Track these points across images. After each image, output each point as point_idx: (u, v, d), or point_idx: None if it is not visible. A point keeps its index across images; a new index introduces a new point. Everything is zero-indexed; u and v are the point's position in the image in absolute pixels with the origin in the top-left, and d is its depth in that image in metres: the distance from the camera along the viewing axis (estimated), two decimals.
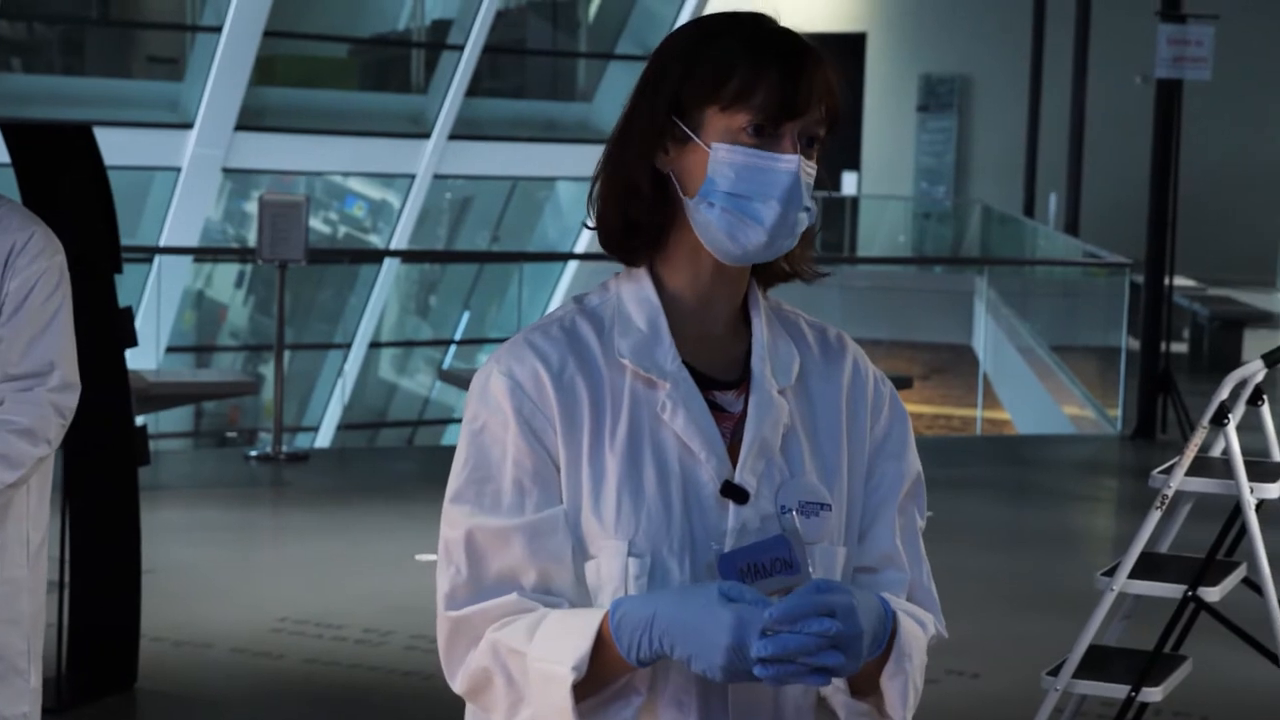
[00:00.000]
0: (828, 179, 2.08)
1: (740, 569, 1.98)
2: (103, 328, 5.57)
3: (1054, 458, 11.58)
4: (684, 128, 2.04)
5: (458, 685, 2.06)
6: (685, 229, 2.07)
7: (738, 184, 2.02)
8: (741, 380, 2.10)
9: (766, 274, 2.14)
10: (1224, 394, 4.80)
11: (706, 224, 2.04)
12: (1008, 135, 25.02)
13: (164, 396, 9.47)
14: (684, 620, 1.91)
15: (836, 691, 2.05)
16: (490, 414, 2.05)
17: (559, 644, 1.96)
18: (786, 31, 2.05)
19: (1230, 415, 4.79)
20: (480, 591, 2.03)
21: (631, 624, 1.94)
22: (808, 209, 2.04)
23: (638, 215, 2.07)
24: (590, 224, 2.12)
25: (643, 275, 2.10)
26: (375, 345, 16.48)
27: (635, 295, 2.09)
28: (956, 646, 6.57)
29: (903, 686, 2.02)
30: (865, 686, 2.04)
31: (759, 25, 2.05)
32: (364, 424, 16.25)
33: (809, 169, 2.04)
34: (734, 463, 2.05)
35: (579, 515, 2.03)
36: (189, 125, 14.47)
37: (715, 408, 2.07)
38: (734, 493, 2.04)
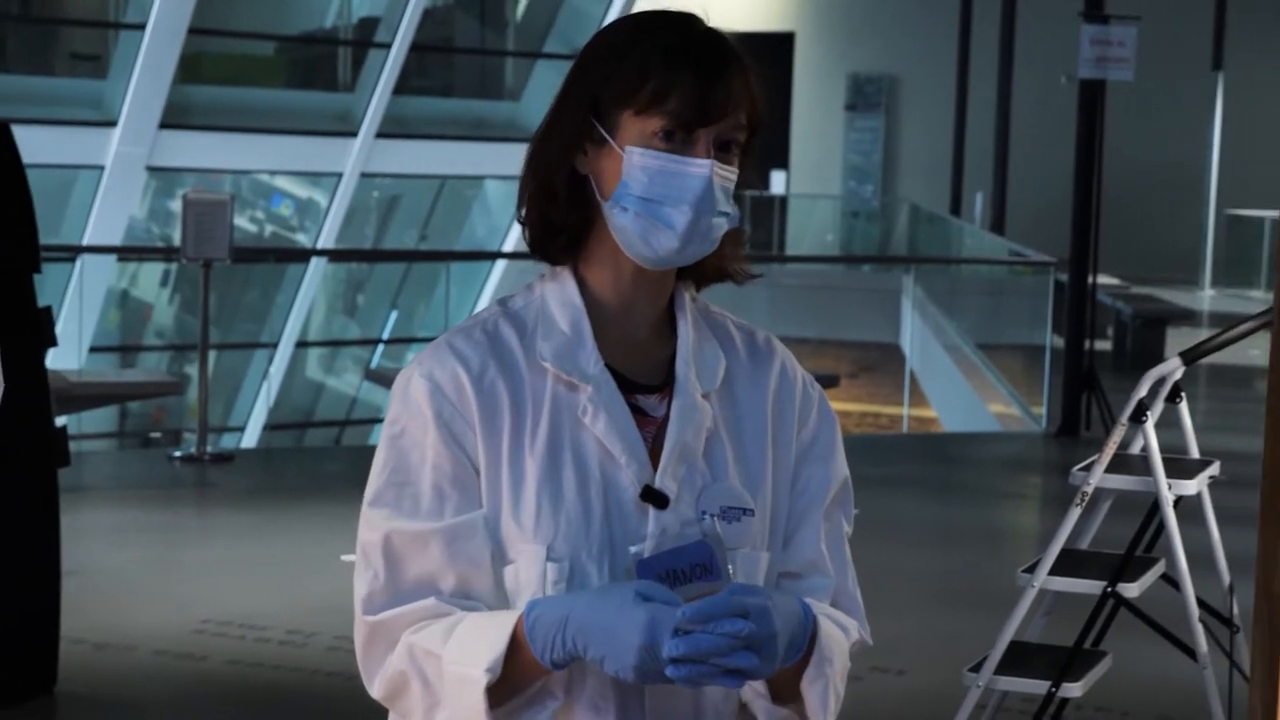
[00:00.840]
0: (756, 179, 2.07)
1: (659, 574, 1.97)
2: (21, 328, 5.52)
3: (980, 455, 11.64)
4: (601, 129, 2.04)
5: (376, 690, 2.05)
6: (605, 231, 2.06)
7: (650, 188, 2.01)
8: (665, 384, 2.08)
9: (697, 275, 2.13)
10: (1143, 391, 4.84)
11: (621, 227, 2.03)
12: (935, 135, 25.17)
13: (86, 397, 9.40)
14: (597, 621, 1.90)
15: (757, 696, 2.04)
16: (410, 417, 2.04)
17: (473, 646, 1.95)
18: (710, 34, 2.04)
19: (1149, 413, 4.82)
20: (398, 596, 2.01)
21: (545, 625, 1.93)
22: (724, 214, 2.03)
23: (555, 216, 2.06)
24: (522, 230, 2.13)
25: (567, 277, 2.09)
26: (302, 345, 16.41)
27: (559, 298, 2.08)
28: (881, 644, 6.60)
29: (823, 691, 2.01)
30: (786, 692, 2.04)
31: (683, 28, 2.04)
32: (291, 424, 16.17)
33: (725, 174, 2.03)
34: (655, 467, 2.04)
35: (498, 519, 2.02)
36: (113, 123, 14.38)
37: (638, 411, 2.06)
38: (654, 497, 2.03)
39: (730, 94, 2.02)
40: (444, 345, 2.07)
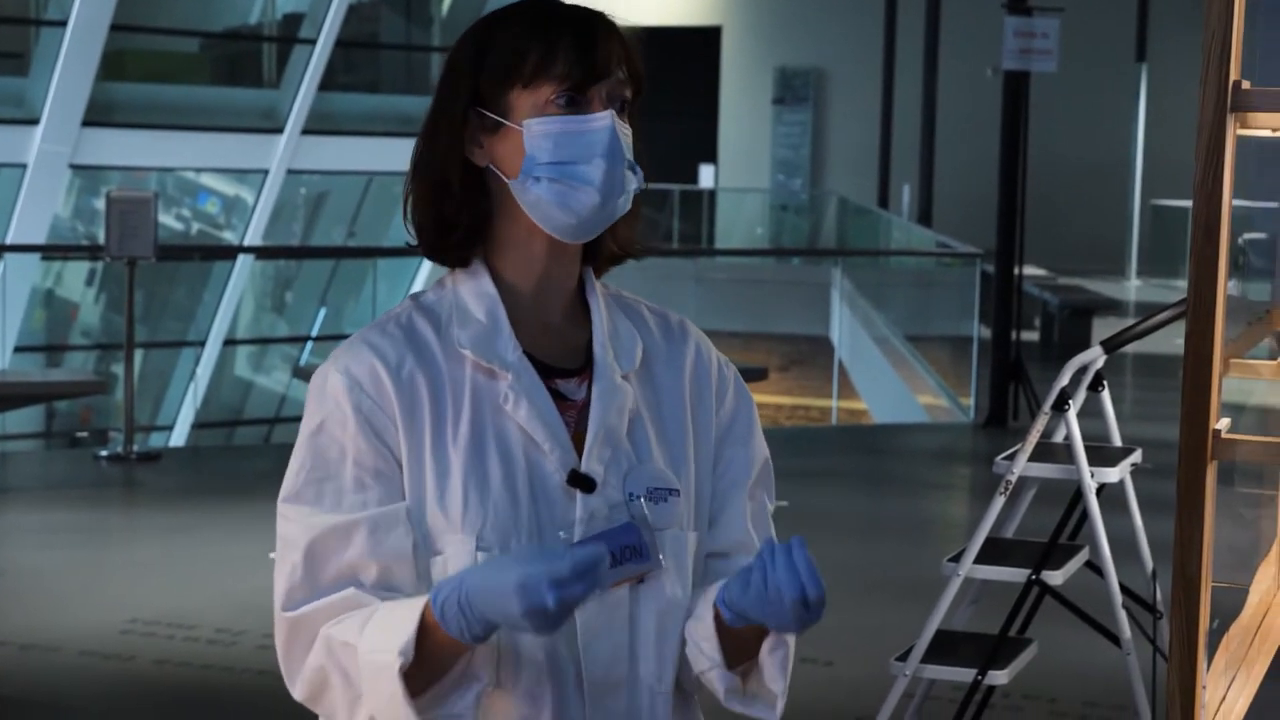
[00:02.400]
0: (644, 151, 2.09)
1: None
2: None
3: (909, 446, 11.70)
4: (492, 116, 2.05)
5: (298, 691, 2.04)
6: (511, 217, 2.07)
7: (557, 152, 2.02)
8: (584, 367, 2.09)
9: (598, 257, 2.14)
10: (1065, 380, 4.88)
11: (537, 200, 2.04)
12: (862, 128, 25.25)
13: (11, 397, 9.33)
14: (487, 588, 1.89)
15: (713, 666, 2.05)
16: (328, 413, 2.04)
17: (386, 633, 1.95)
18: (573, 5, 2.07)
19: (1071, 401, 4.86)
20: (318, 590, 2.01)
21: (451, 605, 1.92)
22: (632, 167, 2.05)
23: (451, 212, 2.07)
24: (409, 233, 2.12)
25: (479, 268, 2.09)
26: (230, 343, 16.33)
27: (472, 289, 2.08)
28: (809, 635, 6.60)
29: (784, 658, 2.03)
30: (743, 660, 2.05)
31: (545, 5, 2.07)
32: (219, 422, 16.09)
33: (624, 129, 2.05)
34: (579, 451, 2.05)
35: (423, 511, 2.02)
36: (35, 121, 14.25)
37: (558, 396, 2.07)
38: (581, 482, 2.04)
39: (610, 49, 2.04)
40: (359, 341, 2.07)
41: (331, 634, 1.99)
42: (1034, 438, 4.87)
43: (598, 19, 2.06)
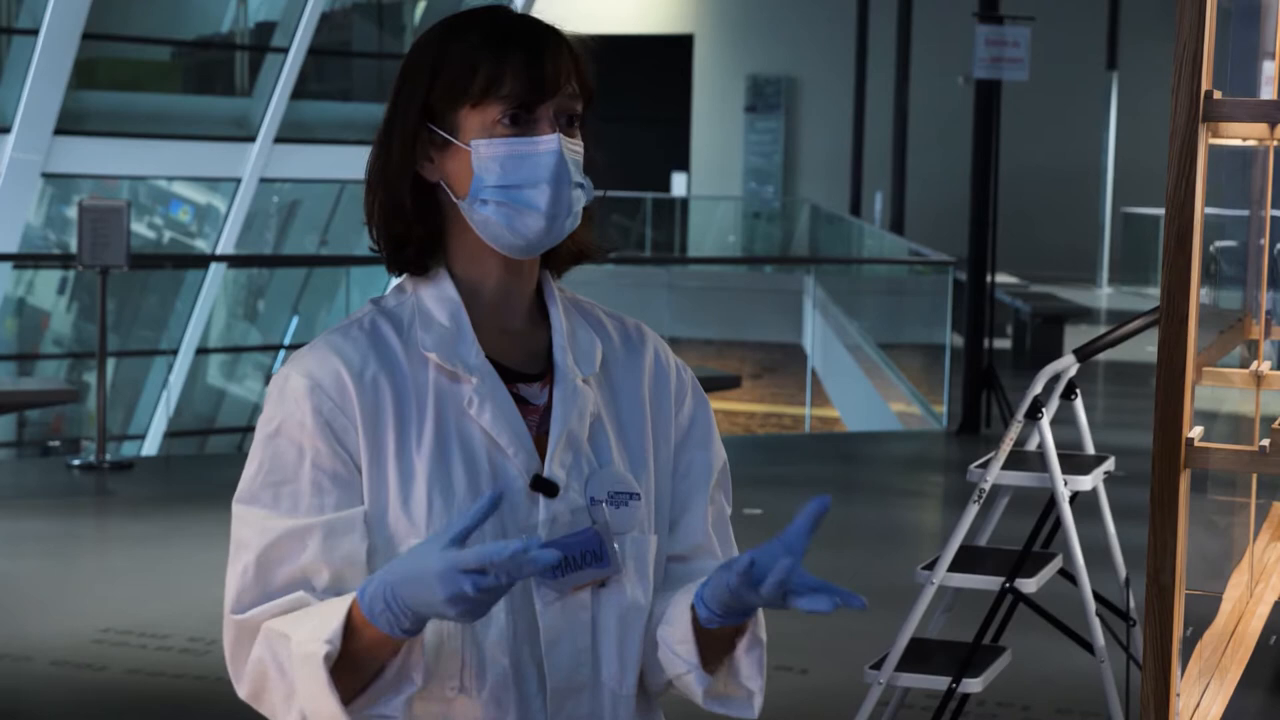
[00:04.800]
0: (599, 157, 2.09)
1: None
2: None
3: (881, 454, 11.72)
4: (441, 133, 2.05)
5: (242, 689, 2.02)
6: (464, 231, 2.07)
7: (504, 175, 2.03)
8: (544, 372, 2.10)
9: (556, 260, 2.15)
10: (1038, 389, 4.89)
11: (484, 221, 2.04)
12: (834, 135, 25.31)
13: None
14: (409, 580, 1.88)
15: (690, 669, 2.05)
16: (287, 415, 2.03)
17: (316, 623, 1.94)
18: (524, 17, 2.07)
19: (1044, 409, 4.88)
20: (268, 593, 2.00)
21: (378, 600, 1.91)
22: (580, 185, 2.05)
23: (402, 230, 2.08)
24: (372, 246, 2.12)
25: (441, 273, 2.10)
26: (203, 351, 16.28)
27: (434, 294, 2.09)
28: (784, 642, 6.63)
29: (759, 658, 2.04)
30: (717, 662, 2.06)
31: (496, 17, 2.06)
32: (192, 431, 16.04)
33: (573, 147, 2.05)
34: (541, 455, 2.05)
35: (385, 515, 2.02)
36: (6, 129, 14.20)
37: (520, 400, 2.07)
38: (544, 486, 2.04)
39: (559, 66, 2.04)
40: (322, 344, 2.06)
41: (270, 625, 1.98)
42: (1007, 446, 4.88)
43: (547, 33, 2.05)
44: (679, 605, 2.05)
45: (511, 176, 2.02)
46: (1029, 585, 4.87)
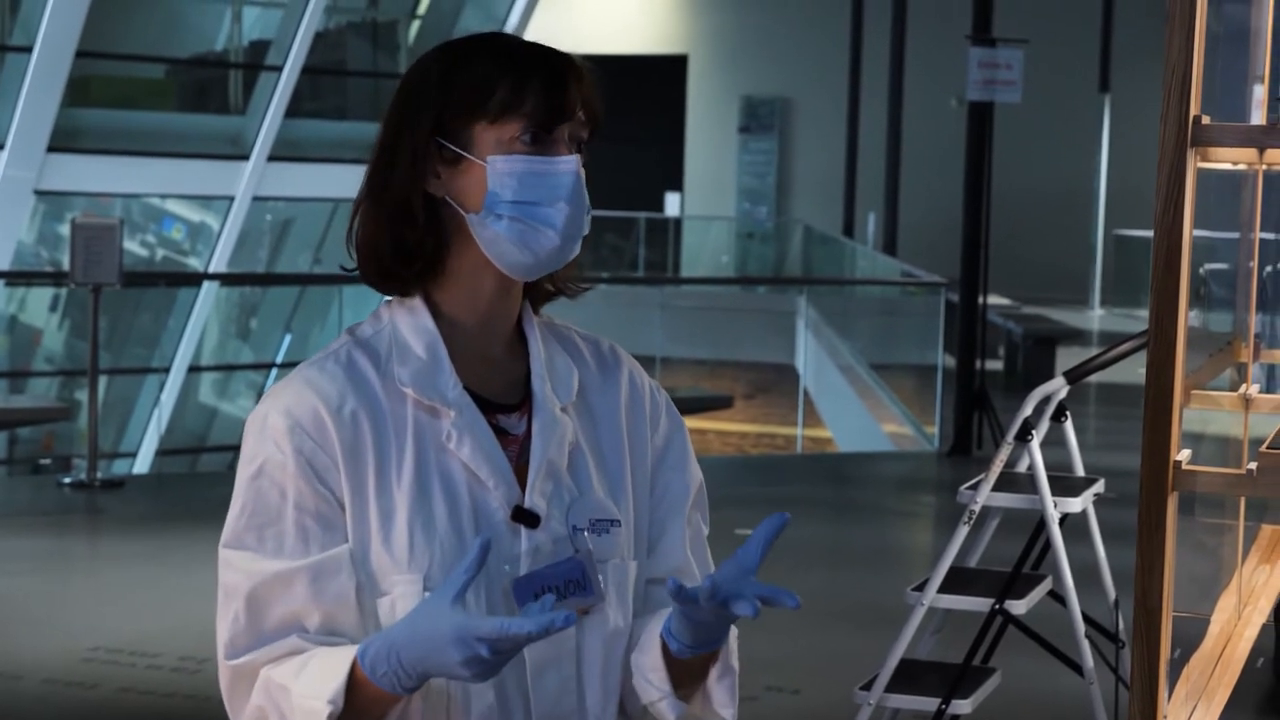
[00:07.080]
0: (599, 181, 2.11)
1: (535, 592, 1.99)
2: None
3: (873, 475, 11.72)
4: (453, 148, 2.04)
5: None
6: (464, 250, 2.06)
7: (522, 192, 2.02)
8: (523, 401, 2.10)
9: (534, 293, 2.15)
10: (1028, 410, 4.90)
11: (495, 237, 2.03)
12: (828, 156, 25.33)
13: None
14: (417, 638, 1.89)
15: (663, 697, 2.05)
16: (268, 455, 2.02)
17: (318, 680, 1.94)
18: (535, 43, 2.08)
19: (1034, 431, 4.89)
20: (260, 638, 2.00)
21: (382, 663, 1.92)
22: (589, 211, 2.06)
23: (412, 239, 2.05)
24: (350, 261, 2.10)
25: (417, 303, 2.08)
26: (195, 369, 16.28)
27: (411, 324, 2.08)
28: (776, 663, 6.64)
29: (732, 685, 2.05)
30: (690, 689, 2.06)
31: (506, 40, 2.07)
32: (184, 449, 16.03)
33: (582, 171, 2.06)
34: (521, 485, 2.05)
35: (368, 552, 2.01)
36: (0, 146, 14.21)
37: (499, 431, 2.07)
38: (525, 517, 2.04)
39: (578, 90, 2.05)
40: (299, 379, 2.05)
41: (270, 675, 1.98)
42: (997, 467, 4.89)
43: (566, 61, 2.06)
44: (650, 632, 2.06)
45: (529, 193, 2.02)
46: (1019, 607, 4.88)
